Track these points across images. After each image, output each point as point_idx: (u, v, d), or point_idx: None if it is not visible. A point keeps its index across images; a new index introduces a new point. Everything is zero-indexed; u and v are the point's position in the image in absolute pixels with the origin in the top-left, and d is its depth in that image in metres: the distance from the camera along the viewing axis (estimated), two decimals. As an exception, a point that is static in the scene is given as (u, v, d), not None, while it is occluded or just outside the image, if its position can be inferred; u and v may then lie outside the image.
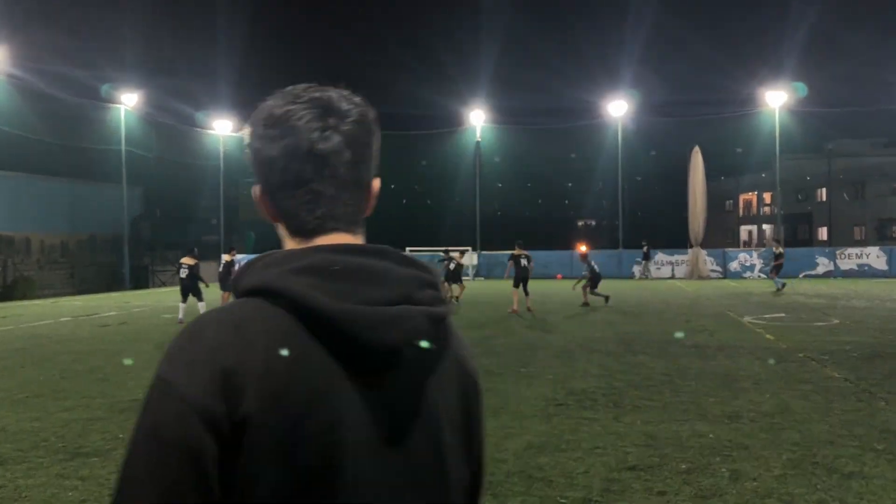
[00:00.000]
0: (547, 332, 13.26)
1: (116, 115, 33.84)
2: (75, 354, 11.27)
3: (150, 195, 42.43)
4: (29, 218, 34.18)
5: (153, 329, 15.03)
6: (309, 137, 1.00)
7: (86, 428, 6.45)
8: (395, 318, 0.92)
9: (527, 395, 7.67)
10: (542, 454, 5.49)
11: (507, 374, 8.95)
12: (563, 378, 8.62)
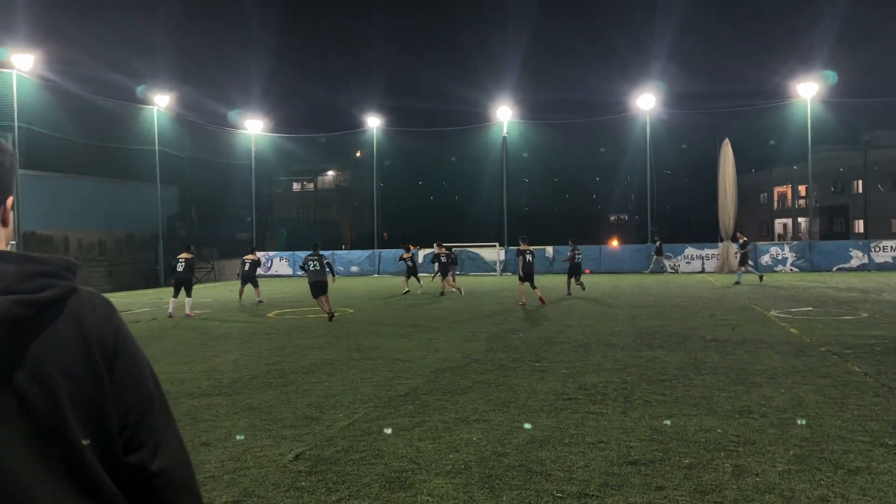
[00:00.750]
0: (566, 327, 13.20)
1: (150, 116, 34.54)
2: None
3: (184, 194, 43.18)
4: (67, 217, 35.10)
5: (180, 325, 15.34)
6: None
7: (102, 420, 6.62)
8: None
9: (537, 389, 7.66)
10: (545, 448, 5.49)
11: (520, 368, 8.95)
12: (576, 372, 8.58)
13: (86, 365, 1.30)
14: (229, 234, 46.53)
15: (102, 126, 33.31)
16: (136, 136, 34.34)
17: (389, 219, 49.82)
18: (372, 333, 12.97)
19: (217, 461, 5.32)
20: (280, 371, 9.17)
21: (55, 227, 34.22)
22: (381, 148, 41.81)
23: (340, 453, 5.43)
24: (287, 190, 65.99)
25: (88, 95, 31.93)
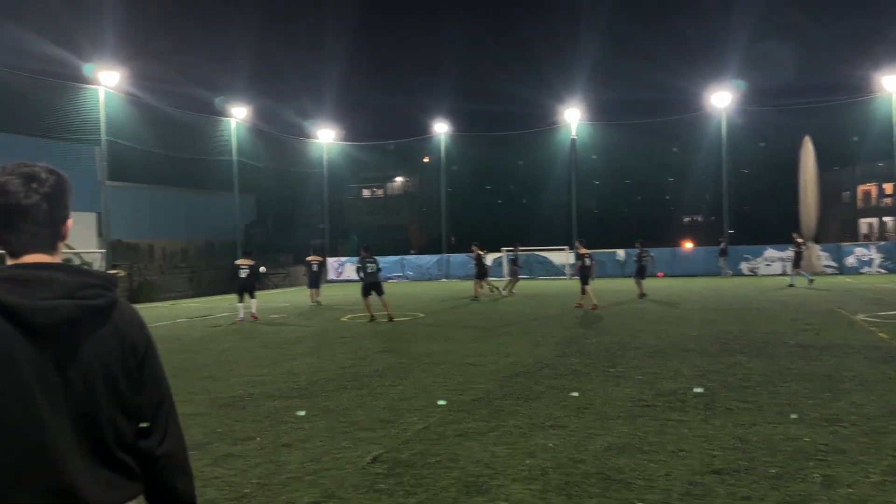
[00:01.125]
0: (640, 332, 12.93)
1: (228, 128, 35.81)
2: (186, 353, 12.05)
3: (261, 202, 44.58)
4: (152, 226, 36.79)
5: (259, 329, 15.80)
6: (14, 196, 1.64)
7: (188, 422, 6.89)
8: (53, 308, 1.57)
9: (613, 395, 7.54)
10: (623, 455, 5.40)
11: (594, 373, 8.82)
12: (653, 378, 8.40)
13: (120, 363, 1.68)
14: (303, 240, 47.68)
15: (184, 138, 34.76)
16: (216, 148, 35.66)
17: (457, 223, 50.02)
18: (442, 338, 13.04)
19: (298, 462, 5.46)
20: (354, 374, 9.34)
21: (140, 236, 35.90)
22: (449, 153, 42.05)
23: (417, 457, 5.48)
24: (357, 196, 67.16)
25: (170, 109, 33.38)
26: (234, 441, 6.14)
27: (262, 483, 4.99)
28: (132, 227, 34.76)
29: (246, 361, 10.83)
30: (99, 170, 30.20)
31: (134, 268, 34.02)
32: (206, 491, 4.85)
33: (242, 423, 6.79)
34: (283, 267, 43.37)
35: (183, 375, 9.73)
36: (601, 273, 34.95)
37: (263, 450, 5.85)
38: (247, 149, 37.35)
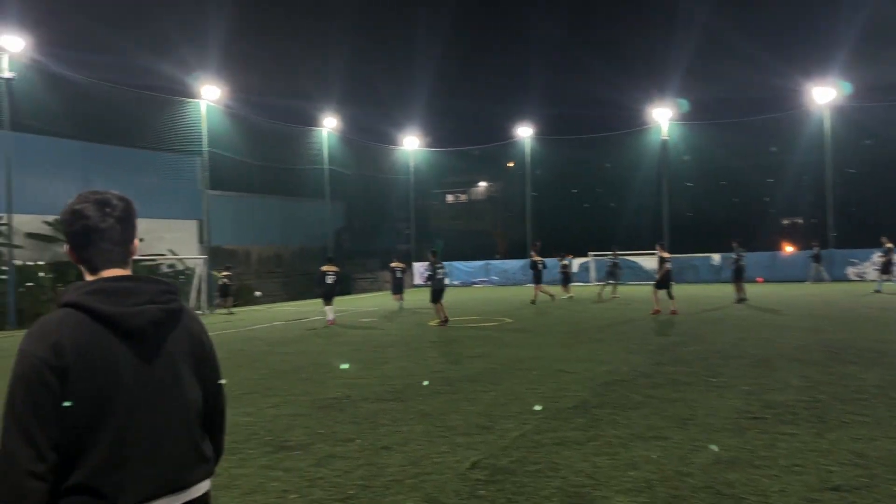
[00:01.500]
0: (741, 340, 12.40)
1: (320, 137, 36.89)
2: (283, 355, 12.44)
3: (350, 209, 45.65)
4: (248, 232, 38.29)
5: (353, 332, 16.14)
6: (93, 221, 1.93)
7: (290, 423, 7.12)
8: (141, 312, 1.87)
9: (717, 406, 7.25)
10: (733, 470, 5.18)
11: (695, 383, 8.52)
12: (759, 389, 8.03)
13: (192, 354, 2.01)
14: (389, 245, 48.52)
15: (278, 148, 36.04)
16: (308, 157, 36.80)
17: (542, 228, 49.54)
18: (532, 344, 12.93)
19: (398, 465, 5.52)
20: (447, 379, 9.38)
21: (238, 242, 37.44)
22: (534, 157, 41.75)
23: (516, 464, 5.44)
24: (441, 202, 67.70)
25: (265, 120, 34.67)
26: (335, 442, 6.28)
27: (365, 485, 5.07)
28: (230, 233, 36.31)
29: (342, 363, 11.07)
30: (200, 179, 31.73)
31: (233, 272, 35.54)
32: (312, 491, 4.98)
33: (342, 425, 6.93)
34: (370, 272, 44.26)
35: (283, 377, 10.05)
36: (696, 278, 33.81)
37: (364, 452, 5.95)
38: (337, 157, 38.34)
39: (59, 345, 1.76)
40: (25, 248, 25.11)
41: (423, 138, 45.17)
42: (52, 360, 1.74)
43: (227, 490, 5.05)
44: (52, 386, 1.73)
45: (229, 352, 13.25)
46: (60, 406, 1.73)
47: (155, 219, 31.41)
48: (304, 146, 36.73)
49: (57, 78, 24.07)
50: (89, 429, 1.76)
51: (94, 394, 1.77)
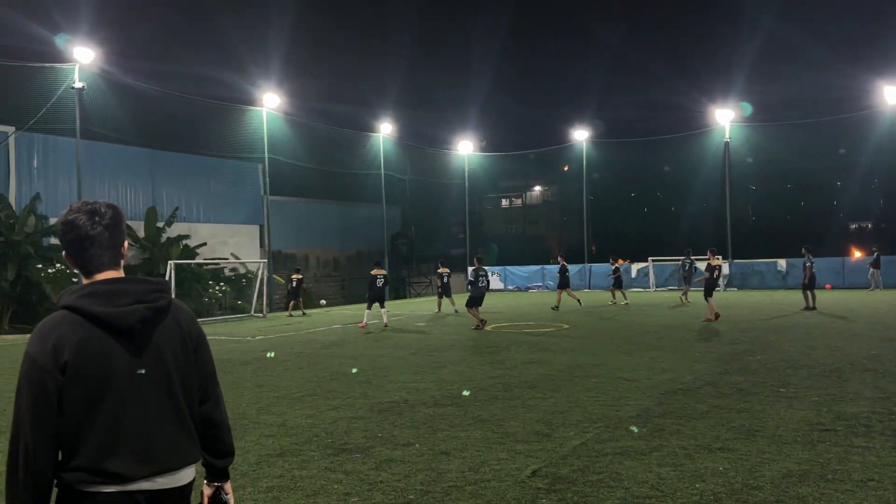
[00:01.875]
0: (811, 349, 11.95)
1: (377, 143, 37.31)
2: (343, 358, 12.59)
3: (405, 213, 46.04)
4: (307, 237, 39.03)
5: (408, 336, 16.23)
6: (83, 229, 2.14)
7: (350, 426, 7.18)
8: (129, 312, 2.08)
9: (786, 417, 7.00)
10: (804, 483, 4.98)
11: (763, 393, 8.24)
12: (830, 400, 7.71)
13: (181, 348, 2.21)
14: (444, 249, 48.66)
15: (335, 154, 36.63)
16: (365, 162, 37.26)
17: (599, 232, 48.88)
18: (590, 350, 12.75)
19: (457, 471, 5.51)
20: (504, 385, 9.32)
21: (297, 246, 38.17)
22: (590, 160, 41.24)
23: (577, 473, 5.36)
24: (496, 206, 67.54)
25: (323, 126, 35.28)
26: (395, 446, 6.31)
27: (425, 490, 5.07)
28: (290, 237, 37.06)
29: (399, 368, 11.14)
30: (261, 185, 32.45)
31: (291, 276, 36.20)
32: (372, 495, 5.01)
33: (401, 429, 6.96)
34: (425, 276, 44.47)
35: (342, 379, 10.17)
36: (761, 284, 32.78)
37: (423, 456, 5.96)
38: (393, 162, 38.71)
39: (57, 346, 2.02)
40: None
41: (478, 142, 45.20)
42: (50, 362, 2.02)
43: (290, 492, 5.13)
44: (50, 385, 2.01)
45: (289, 354, 13.49)
46: (58, 400, 2.02)
47: (219, 224, 32.31)
48: (361, 151, 37.20)
49: (125, 87, 25.02)
50: (87, 417, 2.03)
51: (90, 386, 2.04)
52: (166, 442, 2.12)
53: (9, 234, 22.66)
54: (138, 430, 2.08)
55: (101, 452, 2.03)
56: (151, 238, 27.37)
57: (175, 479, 2.15)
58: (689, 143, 38.55)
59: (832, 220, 49.40)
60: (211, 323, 22.93)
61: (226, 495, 2.40)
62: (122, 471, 2.04)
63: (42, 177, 25.64)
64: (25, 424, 2.01)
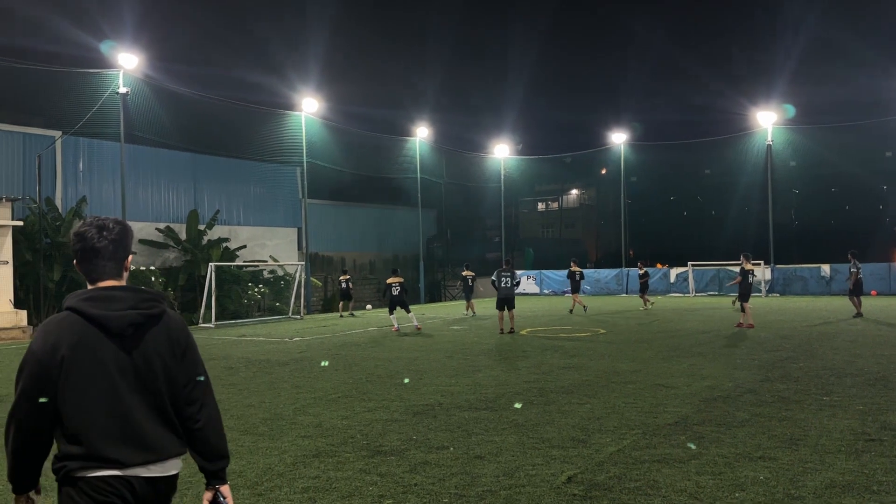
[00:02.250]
0: (856, 356, 11.63)
1: (413, 147, 37.48)
2: (378, 360, 12.66)
3: (441, 217, 46.13)
4: (345, 240, 39.36)
5: (443, 339, 16.24)
6: (91, 241, 2.43)
7: (385, 428, 7.22)
8: (122, 316, 2.33)
9: (829, 426, 6.82)
10: (848, 494, 4.85)
11: (805, 402, 8.04)
12: (877, 410, 7.49)
13: (169, 352, 2.43)
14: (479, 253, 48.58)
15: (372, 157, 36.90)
16: (401, 166, 37.45)
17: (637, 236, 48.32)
18: (628, 356, 12.59)
19: (492, 475, 5.49)
20: (540, 389, 9.27)
21: (335, 249, 38.52)
22: (628, 163, 40.80)
23: (613, 480, 5.30)
24: (532, 210, 67.26)
25: (361, 131, 35.58)
26: (429, 449, 6.32)
27: (459, 494, 5.07)
28: (327, 240, 37.41)
29: (434, 371, 11.15)
30: (300, 188, 32.85)
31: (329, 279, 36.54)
32: (407, 497, 5.02)
33: (435, 432, 6.97)
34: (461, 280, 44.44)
35: (378, 382, 10.22)
36: (804, 290, 32.04)
37: (458, 460, 5.95)
38: (429, 166, 38.83)
39: (56, 344, 2.30)
40: (138, 253, 26.73)
41: (515, 145, 45.08)
42: (47, 357, 2.30)
43: (325, 493, 5.17)
44: (44, 377, 2.29)
45: (326, 356, 13.61)
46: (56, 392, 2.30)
47: (258, 226, 32.79)
48: (397, 155, 37.40)
49: (167, 92, 25.57)
50: (85, 407, 2.29)
51: (85, 378, 2.31)
52: (156, 434, 2.36)
53: (55, 236, 23.32)
54: (131, 421, 2.32)
55: (100, 440, 2.28)
56: (193, 240, 27.89)
57: (165, 468, 2.38)
58: (730, 146, 37.89)
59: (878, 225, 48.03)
60: (250, 324, 23.26)
61: (223, 498, 2.52)
62: (120, 457, 2.28)
63: (87, 180, 26.33)
64: (21, 405, 2.32)
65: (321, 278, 35.51)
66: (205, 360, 2.64)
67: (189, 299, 26.93)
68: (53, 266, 22.71)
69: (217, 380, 10.78)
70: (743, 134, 36.58)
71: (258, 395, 9.41)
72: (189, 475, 5.67)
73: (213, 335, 19.22)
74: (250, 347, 15.64)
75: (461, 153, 42.87)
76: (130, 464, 2.29)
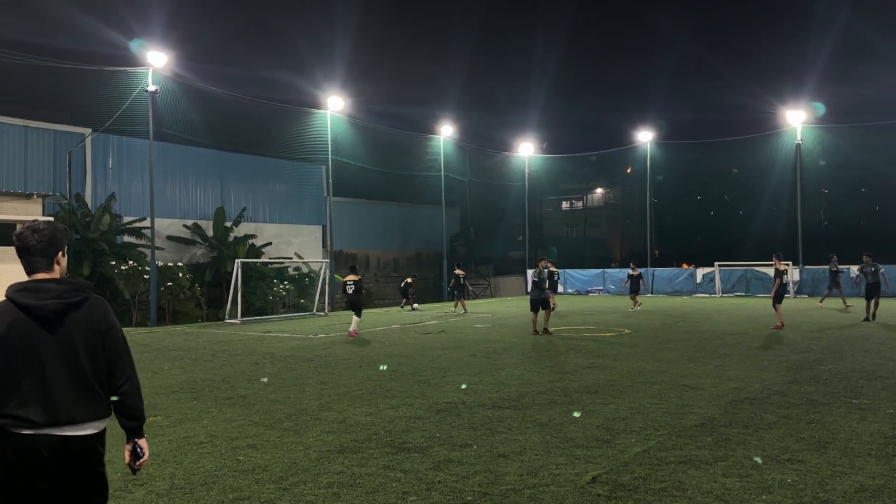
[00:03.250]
0: (886, 359, 11.41)
1: (437, 145, 37.50)
2: (401, 358, 12.70)
3: (465, 215, 46.13)
4: (368, 238, 39.55)
5: (466, 338, 16.24)
6: (26, 241, 2.98)
7: (408, 425, 7.24)
8: (45, 305, 2.87)
9: (859, 430, 6.71)
10: (878, 499, 4.77)
11: (834, 404, 7.92)
12: (909, 414, 7.35)
13: (90, 333, 2.93)
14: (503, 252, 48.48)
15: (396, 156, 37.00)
16: (425, 164, 37.50)
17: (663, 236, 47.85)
18: (653, 357, 12.49)
19: (515, 474, 5.48)
20: (563, 389, 9.23)
21: (358, 247, 38.71)
22: (655, 162, 40.42)
23: (639, 481, 5.26)
24: (556, 209, 66.91)
25: (385, 129, 35.69)
26: (453, 447, 6.32)
27: (483, 492, 5.07)
28: (351, 238, 37.62)
29: (457, 369, 11.16)
30: (325, 186, 33.05)
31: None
32: (430, 495, 5.03)
33: (459, 430, 6.97)
34: (483, 278, 44.40)
35: (401, 379, 10.25)
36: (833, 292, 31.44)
37: (481, 458, 5.95)
38: (453, 164, 38.82)
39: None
40: (166, 249, 27.10)
41: (539, 144, 44.90)
42: None
43: (349, 488, 5.20)
44: None
45: (349, 352, 13.69)
46: None
47: (283, 224, 33.07)
48: (422, 154, 37.45)
49: (195, 91, 25.85)
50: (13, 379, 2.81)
51: (14, 355, 2.82)
52: (70, 400, 2.85)
53: (84, 231, 23.71)
54: (49, 390, 2.83)
55: (19, 403, 2.80)
56: (220, 237, 28.20)
57: (80, 429, 2.86)
58: (759, 145, 37.35)
59: (912, 225, 47.02)
60: (275, 321, 23.46)
61: (140, 449, 3.10)
62: (32, 417, 2.79)
63: (116, 177, 26.75)
64: None
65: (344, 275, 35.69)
66: (230, 356, 2.72)
67: (215, 295, 27.24)
68: (83, 261, 23.10)
69: (242, 375, 10.90)
70: (772, 133, 36.07)
71: (283, 390, 9.49)
72: (216, 468, 5.74)
73: (238, 331, 19.41)
74: (275, 343, 15.77)
75: (485, 151, 42.82)
76: (43, 424, 2.79)
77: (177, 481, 5.43)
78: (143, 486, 5.30)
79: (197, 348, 14.83)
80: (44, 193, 21.64)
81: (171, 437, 6.87)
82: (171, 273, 24.37)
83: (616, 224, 63.59)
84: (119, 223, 25.36)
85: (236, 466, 5.80)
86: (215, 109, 27.36)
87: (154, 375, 11.07)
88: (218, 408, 8.34)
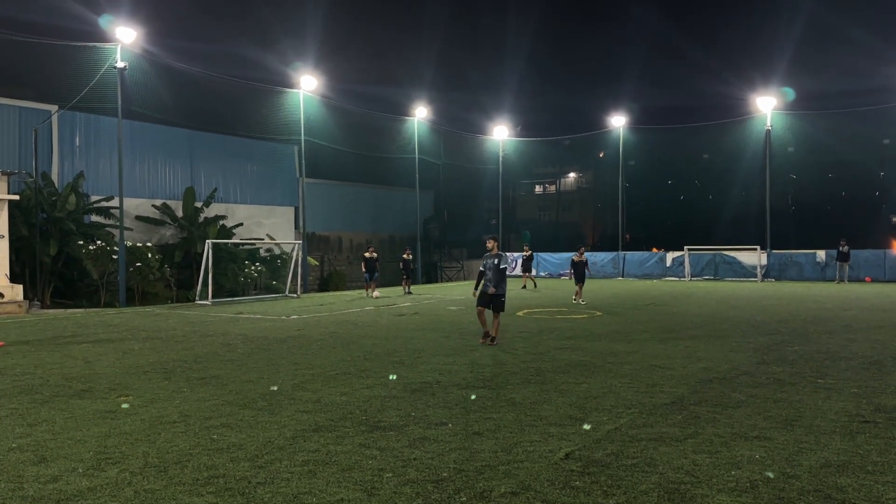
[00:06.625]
0: (850, 341, 11.72)
1: (411, 127, 37.28)
2: (376, 339, 12.70)
3: (438, 198, 46.05)
4: (340, 220, 39.28)
5: (440, 319, 16.29)
6: None
7: (384, 404, 7.26)
8: None
9: (824, 408, 6.89)
10: (843, 474, 4.91)
11: (800, 384, 8.12)
12: (870, 392, 7.57)
13: None
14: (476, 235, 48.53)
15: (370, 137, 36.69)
16: (399, 146, 37.27)
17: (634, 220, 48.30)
18: (624, 338, 12.66)
19: (490, 451, 5.54)
20: (537, 369, 9.32)
21: (331, 229, 38.48)
22: (627, 147, 40.71)
23: (611, 457, 5.35)
24: (529, 192, 67.13)
25: (359, 110, 35.34)
26: (428, 425, 6.36)
27: (458, 468, 5.11)
28: (324, 220, 37.36)
29: (432, 350, 11.20)
30: (297, 167, 32.71)
31: (325, 258, 36.56)
32: (406, 471, 5.06)
33: (434, 409, 7.02)
34: (457, 261, 44.50)
35: (376, 359, 10.27)
36: (799, 276, 32.16)
37: (456, 436, 6.00)
38: (427, 146, 38.65)
39: None
40: (135, 230, 26.66)
41: (513, 127, 44.89)
42: None
43: (325, 466, 5.21)
44: None
45: (323, 334, 13.65)
46: None
47: (255, 205, 32.71)
48: (396, 135, 37.21)
49: (165, 68, 25.31)
50: None
51: None
52: None
53: (51, 211, 23.22)
54: None
55: None
56: (189, 217, 27.81)
57: None
58: (729, 130, 37.80)
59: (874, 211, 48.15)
60: (246, 302, 23.28)
61: None
62: None
63: (84, 155, 26.18)
64: None
65: (318, 258, 35.50)
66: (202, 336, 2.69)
67: (185, 276, 26.91)
68: (49, 241, 22.65)
69: (215, 356, 10.82)
70: (742, 119, 36.52)
71: (256, 370, 9.45)
72: (190, 447, 5.71)
73: (209, 312, 19.24)
74: (248, 325, 15.66)
75: (460, 134, 42.70)
76: None
77: (150, 459, 5.39)
78: (116, 465, 5.25)
79: (167, 329, 14.67)
80: (9, 171, 21.10)
81: (143, 417, 6.80)
82: (140, 254, 24.00)
83: (588, 208, 64.04)
84: (86, 202, 24.87)
85: (210, 445, 5.77)
86: (185, 87, 26.83)
87: (124, 356, 10.94)
88: (190, 388, 8.28)
